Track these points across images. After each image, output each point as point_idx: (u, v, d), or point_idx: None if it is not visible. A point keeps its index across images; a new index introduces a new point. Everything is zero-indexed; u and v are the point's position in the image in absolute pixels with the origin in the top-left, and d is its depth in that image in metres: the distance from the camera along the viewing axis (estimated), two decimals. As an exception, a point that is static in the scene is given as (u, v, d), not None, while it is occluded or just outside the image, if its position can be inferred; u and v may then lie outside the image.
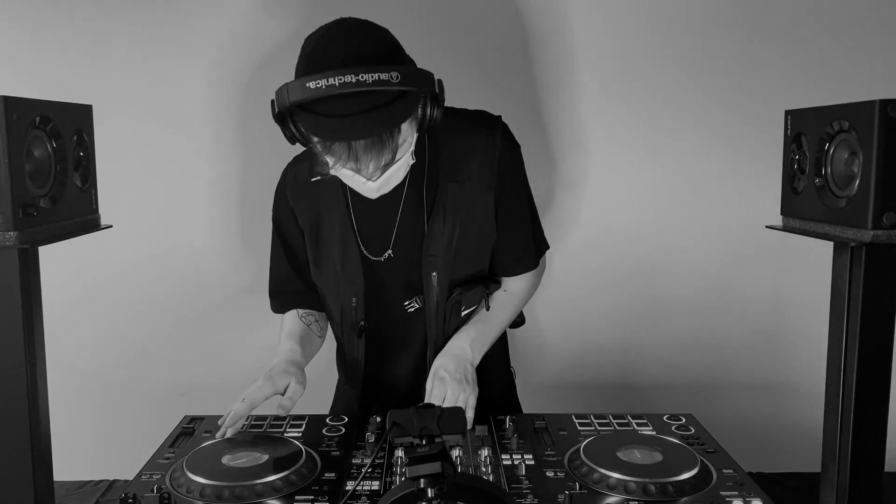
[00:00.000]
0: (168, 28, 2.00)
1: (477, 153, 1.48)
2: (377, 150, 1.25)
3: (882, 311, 1.01)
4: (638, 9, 2.02)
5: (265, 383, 1.44)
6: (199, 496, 1.19)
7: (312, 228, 1.54)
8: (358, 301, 1.53)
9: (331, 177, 1.41)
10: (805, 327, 2.12)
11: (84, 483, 1.57)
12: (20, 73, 2.00)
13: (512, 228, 1.55)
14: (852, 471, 1.04)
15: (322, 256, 1.55)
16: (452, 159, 1.49)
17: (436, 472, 0.93)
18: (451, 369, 1.48)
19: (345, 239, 1.51)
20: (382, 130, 1.23)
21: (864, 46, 2.02)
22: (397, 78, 1.19)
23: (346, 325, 1.57)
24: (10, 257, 1.00)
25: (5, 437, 1.03)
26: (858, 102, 0.97)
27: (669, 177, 2.08)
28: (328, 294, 1.58)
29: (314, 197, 1.53)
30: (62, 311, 2.03)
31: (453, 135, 1.48)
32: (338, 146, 1.25)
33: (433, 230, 1.49)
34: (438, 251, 1.49)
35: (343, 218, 1.51)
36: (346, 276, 1.52)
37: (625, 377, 2.17)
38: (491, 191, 1.49)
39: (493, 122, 1.51)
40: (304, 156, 1.54)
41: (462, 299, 1.54)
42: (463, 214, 1.49)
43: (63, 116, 1.07)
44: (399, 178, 1.36)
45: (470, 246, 1.51)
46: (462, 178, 1.48)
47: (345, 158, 1.26)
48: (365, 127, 1.21)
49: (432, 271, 1.50)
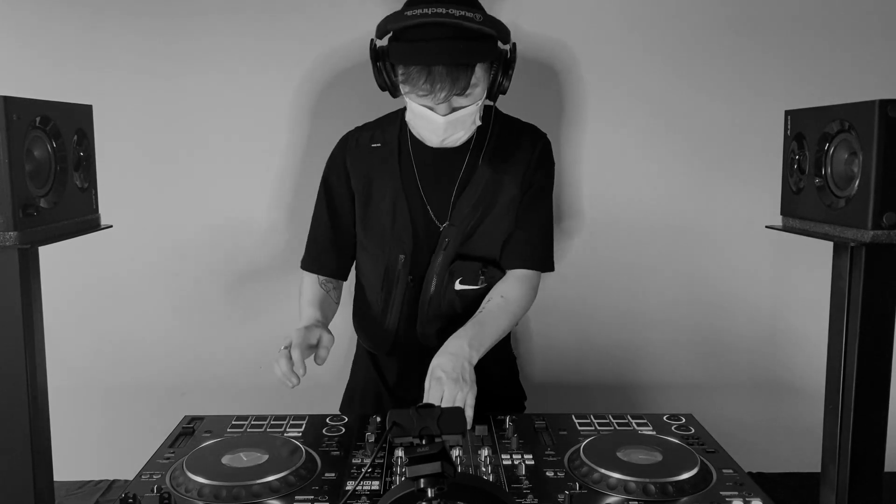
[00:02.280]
0: (168, 28, 2.00)
1: (517, 155, 1.64)
2: (452, 78, 1.41)
3: (882, 311, 1.01)
4: (637, 8, 2.02)
5: (300, 334, 1.51)
6: (198, 496, 1.19)
7: (364, 189, 1.66)
8: (405, 258, 1.63)
9: (387, 144, 1.65)
10: (805, 327, 2.12)
11: (84, 483, 1.57)
12: (20, 74, 2.00)
13: (525, 228, 1.66)
14: (852, 471, 1.04)
15: (371, 217, 1.66)
16: (497, 153, 1.63)
17: (436, 472, 0.93)
18: (448, 368, 1.49)
19: (396, 201, 1.62)
20: (457, 59, 1.41)
21: (864, 46, 2.02)
22: (480, 19, 1.41)
23: (387, 282, 1.66)
24: (10, 257, 1.00)
25: (5, 437, 1.03)
26: (858, 102, 0.97)
27: (669, 177, 2.09)
28: (373, 251, 1.68)
29: (370, 162, 1.66)
30: (62, 311, 2.04)
31: (503, 134, 1.65)
32: (416, 71, 1.42)
33: (462, 203, 1.61)
34: (457, 222, 1.62)
35: (396, 181, 1.63)
36: (394, 235, 1.63)
37: (625, 377, 2.17)
38: (520, 190, 1.63)
39: (538, 137, 1.69)
40: (366, 126, 1.71)
41: (456, 269, 1.63)
42: (489, 200, 1.62)
43: (63, 116, 1.07)
44: (464, 128, 1.52)
45: (486, 229, 1.63)
46: (500, 170, 1.62)
47: (422, 82, 1.42)
48: (445, 52, 1.41)
49: (447, 237, 1.62)
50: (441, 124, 1.49)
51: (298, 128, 2.05)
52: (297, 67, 2.02)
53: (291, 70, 2.02)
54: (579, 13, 2.02)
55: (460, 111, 1.49)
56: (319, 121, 2.03)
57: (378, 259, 1.67)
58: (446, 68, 1.41)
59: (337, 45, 2.00)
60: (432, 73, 1.41)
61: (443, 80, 1.41)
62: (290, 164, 2.07)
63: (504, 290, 1.65)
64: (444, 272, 1.63)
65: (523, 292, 1.67)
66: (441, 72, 1.41)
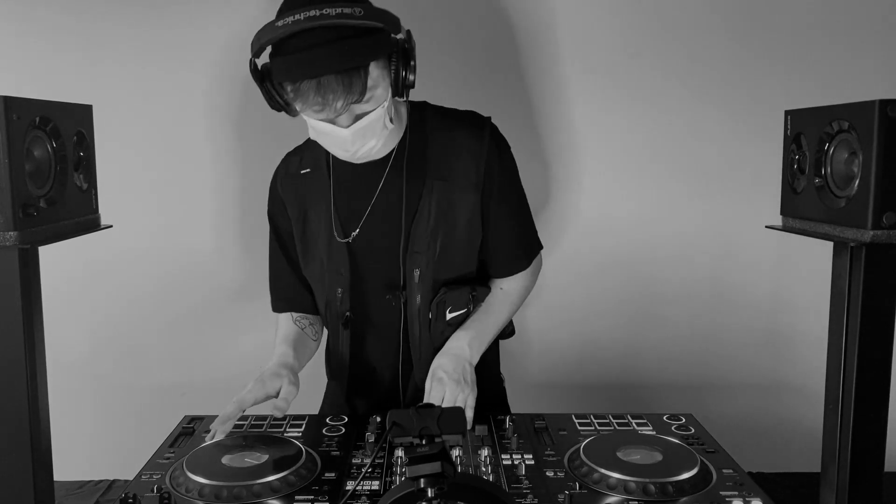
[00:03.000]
0: (168, 28, 2.00)
1: (464, 152, 1.48)
2: (344, 85, 1.25)
3: (882, 311, 1.01)
4: (637, 8, 2.02)
5: (255, 386, 1.43)
6: (198, 496, 1.19)
7: (299, 221, 1.55)
8: (343, 292, 1.53)
9: (316, 169, 1.49)
10: (805, 327, 2.12)
11: (84, 483, 1.57)
12: (20, 74, 2.00)
13: (502, 229, 1.54)
14: (852, 471, 1.04)
15: (309, 249, 1.55)
16: (440, 157, 1.48)
17: (436, 472, 0.93)
18: (449, 370, 1.48)
19: (330, 230, 1.51)
20: (346, 63, 1.24)
21: (864, 46, 2.02)
22: (360, 13, 1.23)
23: (331, 317, 1.57)
24: (10, 257, 1.00)
25: (5, 437, 1.03)
26: (858, 102, 0.97)
27: (669, 176, 2.09)
28: (316, 286, 1.58)
29: (303, 189, 1.54)
30: (62, 310, 2.04)
31: (441, 133, 1.49)
32: (306, 86, 1.26)
33: (418, 226, 1.48)
34: (422, 248, 1.48)
35: (327, 209, 1.51)
36: (331, 266, 1.52)
37: (625, 377, 2.17)
38: (477, 191, 1.48)
39: (482, 122, 1.51)
40: (297, 150, 1.59)
41: (446, 299, 1.51)
42: (448, 213, 1.48)
43: (63, 116, 1.07)
44: (374, 136, 1.36)
45: (455, 245, 1.50)
46: (449, 176, 1.48)
47: (312, 96, 1.26)
48: (328, 58, 1.23)
49: (415, 268, 1.49)
50: (347, 137, 1.33)
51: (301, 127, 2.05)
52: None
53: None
54: (578, 13, 2.01)
55: (364, 119, 1.32)
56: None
57: (320, 295, 1.56)
58: (336, 76, 1.24)
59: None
60: (322, 85, 1.25)
61: (335, 90, 1.25)
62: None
63: (503, 281, 1.60)
64: (429, 308, 1.51)
65: (523, 280, 1.62)
66: (331, 80, 1.24)
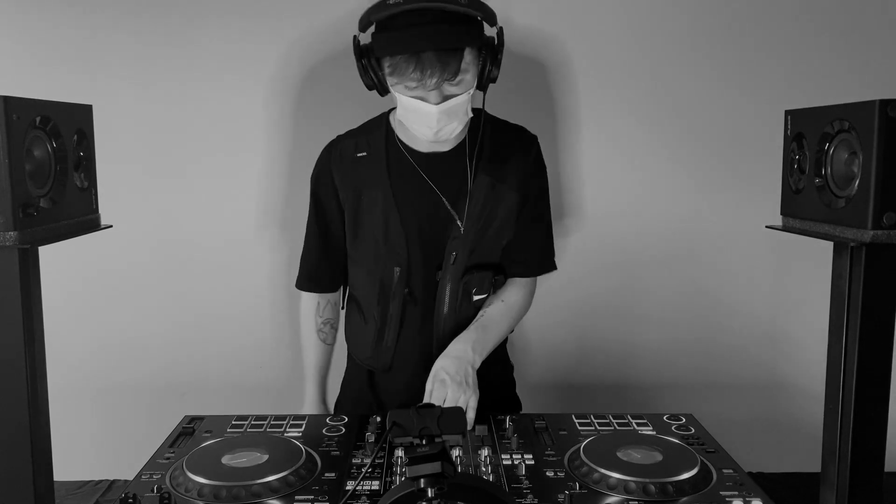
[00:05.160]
0: (168, 28, 2.00)
1: (514, 160, 1.61)
2: (441, 63, 1.37)
3: (882, 311, 1.01)
4: (637, 9, 2.01)
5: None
6: (198, 496, 1.19)
7: (353, 202, 1.61)
8: (401, 272, 1.58)
9: (374, 152, 1.59)
10: (805, 327, 2.12)
11: (84, 483, 1.57)
12: (20, 74, 2.00)
13: (527, 234, 1.65)
14: (852, 471, 1.04)
15: (362, 230, 1.61)
16: (492, 159, 1.59)
17: (436, 472, 0.93)
18: (451, 371, 1.49)
19: (387, 211, 1.57)
20: (445, 43, 1.37)
21: (864, 46, 2.02)
22: (465, 1, 1.37)
23: (383, 298, 1.61)
24: (10, 257, 1.00)
25: (5, 437, 1.03)
26: (858, 102, 0.97)
27: (669, 177, 2.08)
28: (366, 267, 1.63)
29: (357, 172, 1.61)
30: (62, 311, 2.04)
31: (495, 139, 1.61)
32: (405, 60, 1.38)
33: (469, 215, 1.57)
34: (461, 234, 1.57)
35: (386, 192, 1.58)
36: (388, 247, 1.58)
37: (625, 377, 2.17)
38: (518, 195, 1.60)
39: (531, 140, 1.65)
40: (349, 135, 1.66)
41: (472, 280, 1.60)
42: (491, 209, 1.58)
43: (63, 116, 1.07)
44: (457, 119, 1.47)
45: (489, 238, 1.60)
46: (499, 177, 1.59)
47: (411, 70, 1.38)
48: (432, 37, 1.36)
49: (453, 251, 1.58)
50: (434, 114, 1.43)
51: (297, 126, 2.05)
52: (301, 65, 2.02)
53: (293, 68, 2.02)
54: (578, 13, 2.01)
55: (453, 100, 1.44)
56: (318, 119, 2.03)
57: (372, 273, 1.62)
58: (435, 53, 1.36)
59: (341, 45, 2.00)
60: (421, 60, 1.37)
61: (432, 65, 1.37)
62: (292, 161, 2.07)
63: (504, 294, 1.66)
64: (458, 287, 1.59)
65: (522, 296, 1.69)
66: (430, 57, 1.36)
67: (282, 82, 2.03)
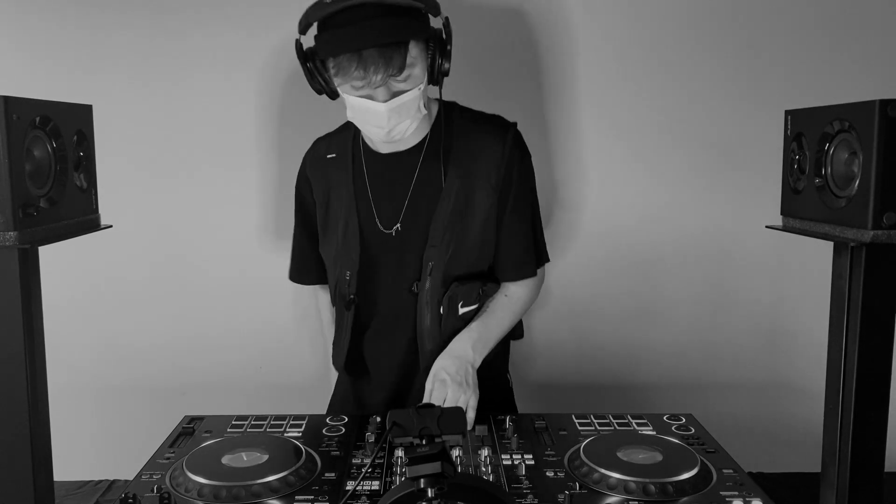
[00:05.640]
0: (168, 28, 2.00)
1: (486, 154, 1.53)
2: (385, 58, 1.32)
3: (882, 311, 1.01)
4: (637, 9, 2.01)
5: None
6: (198, 496, 1.19)
7: (323, 202, 1.61)
8: (352, 275, 1.56)
9: (341, 154, 1.57)
10: (805, 327, 2.12)
11: (84, 483, 1.57)
12: (20, 74, 2.00)
13: (513, 234, 1.57)
14: (852, 471, 1.04)
15: (328, 229, 1.61)
16: (463, 156, 1.53)
17: (436, 472, 0.93)
18: (451, 371, 1.48)
19: (348, 214, 1.56)
20: (387, 38, 1.32)
21: (864, 46, 2.02)
22: None
23: (338, 298, 1.61)
24: (10, 257, 1.00)
25: (5, 437, 1.03)
26: (858, 102, 0.97)
27: (669, 176, 2.08)
28: (329, 266, 1.64)
29: (327, 172, 1.61)
30: (62, 311, 2.04)
31: (466, 133, 1.54)
32: (347, 59, 1.33)
33: (436, 221, 1.52)
34: (436, 242, 1.52)
35: (349, 193, 1.56)
36: (344, 249, 1.57)
37: (625, 377, 2.17)
38: (496, 192, 1.52)
39: (506, 126, 1.56)
40: (326, 136, 1.66)
41: (458, 293, 1.54)
42: (465, 210, 1.52)
43: (63, 116, 1.07)
44: (409, 116, 1.42)
45: (469, 242, 1.53)
46: (469, 174, 1.52)
47: (353, 68, 1.33)
48: (370, 32, 1.31)
49: (430, 261, 1.53)
50: (383, 113, 1.38)
51: (301, 124, 2.05)
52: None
53: (295, 67, 2.02)
54: (579, 14, 2.01)
55: (402, 97, 1.38)
56: (323, 115, 2.03)
57: (332, 274, 1.62)
58: (377, 49, 1.31)
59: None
60: (363, 58, 1.32)
61: (375, 62, 1.32)
62: (292, 161, 2.06)
63: (508, 288, 1.61)
64: (439, 300, 1.53)
65: (527, 290, 1.64)
66: (372, 54, 1.31)
67: (284, 80, 2.03)
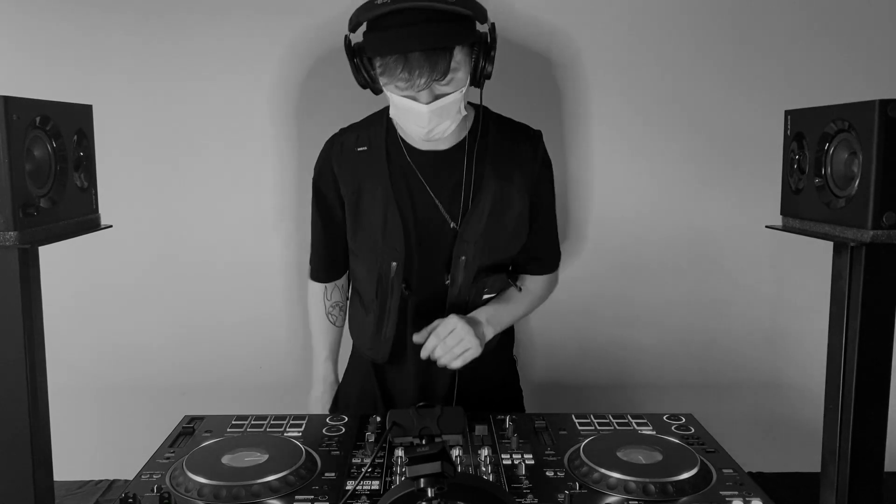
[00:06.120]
0: (168, 29, 2.00)
1: (519, 161, 1.60)
2: (430, 63, 1.36)
3: (882, 311, 1.01)
4: (637, 10, 2.01)
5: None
6: (198, 496, 1.19)
7: (353, 196, 1.61)
8: (398, 266, 1.58)
9: (374, 148, 1.58)
10: (805, 327, 2.12)
11: (84, 483, 1.57)
12: (20, 74, 2.00)
13: (538, 233, 1.67)
14: (852, 471, 1.04)
15: (361, 223, 1.61)
16: (498, 160, 1.59)
17: (436, 472, 0.93)
18: (463, 321, 1.54)
19: (386, 205, 1.57)
20: (433, 43, 1.36)
21: (864, 46, 2.02)
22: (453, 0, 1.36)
23: (381, 291, 1.62)
24: (10, 257, 1.00)
25: (5, 437, 1.03)
26: (858, 102, 0.97)
27: (669, 176, 2.08)
28: (365, 260, 1.64)
29: (357, 166, 1.60)
30: (62, 311, 2.04)
31: (500, 139, 1.60)
32: (394, 61, 1.37)
33: (472, 218, 1.57)
34: (471, 238, 1.57)
35: (386, 186, 1.57)
36: (386, 242, 1.58)
37: (625, 377, 2.17)
38: (528, 195, 1.60)
39: (537, 137, 1.64)
40: (351, 128, 1.66)
41: (487, 282, 1.62)
42: (501, 210, 1.58)
43: (63, 116, 1.07)
44: (449, 117, 1.46)
45: (502, 240, 1.61)
46: (506, 177, 1.58)
47: (399, 71, 1.37)
48: (420, 37, 1.35)
49: (462, 255, 1.57)
50: (425, 114, 1.42)
51: (299, 124, 2.05)
52: (305, 60, 2.02)
53: (296, 63, 2.02)
54: (577, 12, 2.01)
55: (444, 99, 1.42)
56: (319, 116, 2.03)
57: (371, 267, 1.62)
58: (423, 53, 1.35)
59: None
60: (409, 61, 1.36)
61: (421, 66, 1.36)
62: (289, 161, 2.07)
63: (526, 281, 1.71)
64: (470, 289, 1.61)
65: (543, 286, 1.74)
66: (418, 57, 1.35)
67: (285, 79, 2.03)
